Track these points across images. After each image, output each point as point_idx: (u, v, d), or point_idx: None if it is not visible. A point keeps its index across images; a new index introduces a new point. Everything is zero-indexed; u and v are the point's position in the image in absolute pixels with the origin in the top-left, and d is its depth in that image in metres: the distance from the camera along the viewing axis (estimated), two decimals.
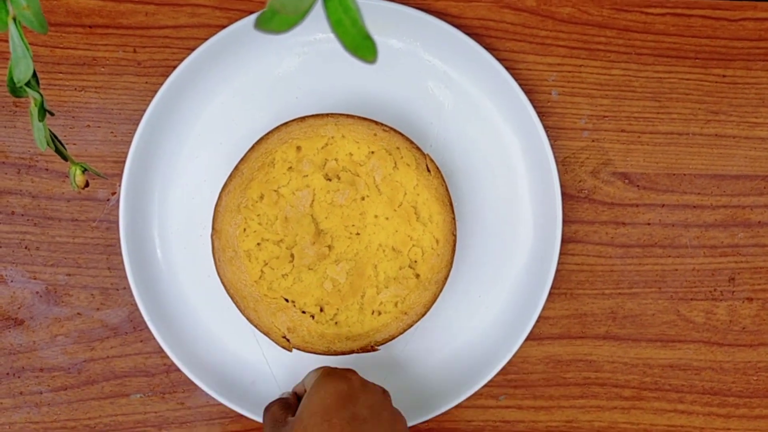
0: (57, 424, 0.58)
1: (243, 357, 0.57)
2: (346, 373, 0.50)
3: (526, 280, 0.58)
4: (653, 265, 0.60)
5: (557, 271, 0.57)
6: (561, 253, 0.57)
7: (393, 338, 0.53)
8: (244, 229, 0.52)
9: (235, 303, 0.53)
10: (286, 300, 0.52)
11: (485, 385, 0.57)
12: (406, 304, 0.53)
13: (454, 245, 0.53)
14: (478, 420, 0.59)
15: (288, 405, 0.51)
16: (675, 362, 0.60)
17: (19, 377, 0.58)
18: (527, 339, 0.57)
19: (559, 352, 0.59)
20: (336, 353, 0.53)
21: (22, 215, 0.57)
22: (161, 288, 0.56)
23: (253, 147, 0.53)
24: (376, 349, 0.53)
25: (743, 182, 0.60)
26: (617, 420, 0.60)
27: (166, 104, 0.55)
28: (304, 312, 0.52)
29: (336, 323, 0.53)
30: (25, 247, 0.58)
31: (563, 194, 0.58)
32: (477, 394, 0.59)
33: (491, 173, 0.58)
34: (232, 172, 0.53)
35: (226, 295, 0.54)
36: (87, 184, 0.40)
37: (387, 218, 0.52)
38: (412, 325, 0.53)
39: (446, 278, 0.53)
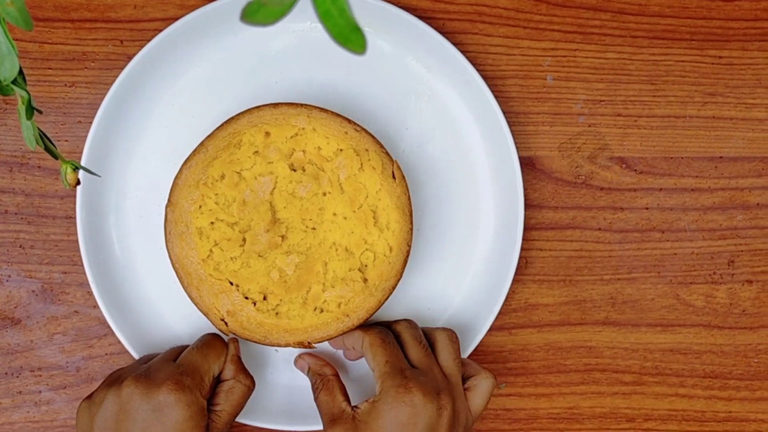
0: (57, 423, 0.58)
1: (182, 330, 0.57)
2: (412, 397, 0.48)
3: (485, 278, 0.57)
4: (652, 249, 0.59)
5: (556, 257, 0.57)
6: (559, 240, 0.57)
7: (330, 338, 0.53)
8: (200, 206, 0.51)
9: (179, 278, 0.52)
10: (231, 283, 0.52)
11: None
12: (350, 306, 0.52)
13: (407, 256, 0.53)
14: None
15: (342, 390, 0.52)
16: (675, 346, 0.60)
17: (17, 377, 0.58)
18: (527, 326, 0.57)
19: (559, 339, 0.59)
20: (271, 344, 0.53)
21: (16, 214, 0.57)
22: (112, 256, 0.56)
23: (221, 125, 0.52)
24: (312, 347, 0.53)
25: (741, 164, 0.59)
26: (618, 405, 0.60)
27: (141, 70, 0.54)
28: (246, 298, 0.52)
29: (277, 314, 0.52)
30: (20, 246, 0.57)
31: (560, 179, 0.58)
32: None
33: (456, 189, 0.57)
34: (197, 147, 0.52)
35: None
36: (78, 182, 0.40)
37: (345, 218, 0.52)
38: (351, 328, 0.53)
39: (394, 287, 0.53)
